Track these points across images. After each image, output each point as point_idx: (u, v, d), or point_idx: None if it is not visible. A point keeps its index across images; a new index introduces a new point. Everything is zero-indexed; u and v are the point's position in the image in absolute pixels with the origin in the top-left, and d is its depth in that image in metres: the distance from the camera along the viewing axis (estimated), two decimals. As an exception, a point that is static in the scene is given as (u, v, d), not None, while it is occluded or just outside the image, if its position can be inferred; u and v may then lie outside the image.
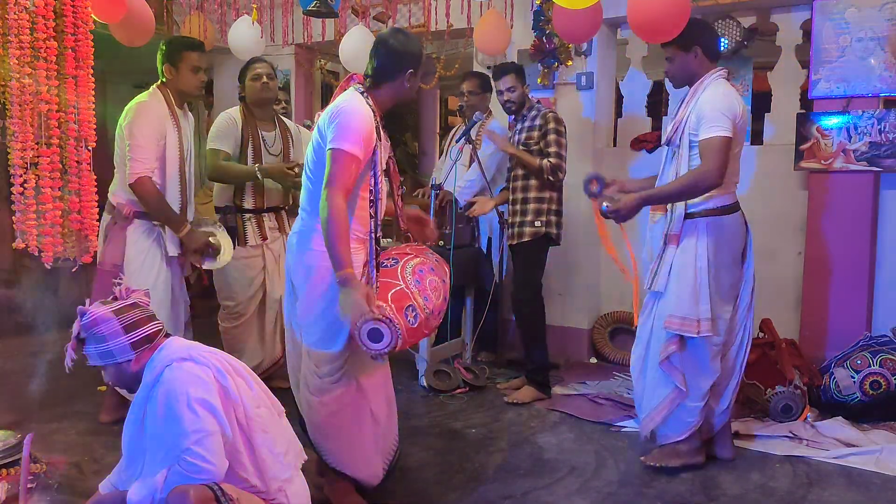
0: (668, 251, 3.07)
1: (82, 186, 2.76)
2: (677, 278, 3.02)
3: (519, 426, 3.66)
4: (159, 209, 3.29)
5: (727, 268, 3.03)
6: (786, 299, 4.31)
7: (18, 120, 2.49)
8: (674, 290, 3.03)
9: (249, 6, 4.94)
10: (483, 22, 4.54)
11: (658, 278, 3.08)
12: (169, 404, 1.91)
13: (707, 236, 2.99)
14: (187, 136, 3.42)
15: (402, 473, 3.02)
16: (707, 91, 2.99)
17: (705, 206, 3.00)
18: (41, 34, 2.49)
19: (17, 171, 2.53)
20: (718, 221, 3.00)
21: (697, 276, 2.98)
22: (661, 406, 3.12)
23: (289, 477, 2.11)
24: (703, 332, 2.98)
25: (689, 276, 2.99)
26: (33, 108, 2.49)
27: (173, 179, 3.34)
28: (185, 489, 1.83)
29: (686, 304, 2.99)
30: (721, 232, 3.00)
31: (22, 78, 2.44)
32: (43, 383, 3.62)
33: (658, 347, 3.10)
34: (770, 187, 4.36)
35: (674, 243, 3.05)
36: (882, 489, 2.96)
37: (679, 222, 3.02)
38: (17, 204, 2.50)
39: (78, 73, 2.62)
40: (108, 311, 2.04)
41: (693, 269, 2.99)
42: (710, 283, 2.98)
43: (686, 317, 2.99)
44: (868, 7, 3.91)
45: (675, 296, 3.02)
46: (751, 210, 4.39)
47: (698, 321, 2.97)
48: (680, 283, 3.01)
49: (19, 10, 2.42)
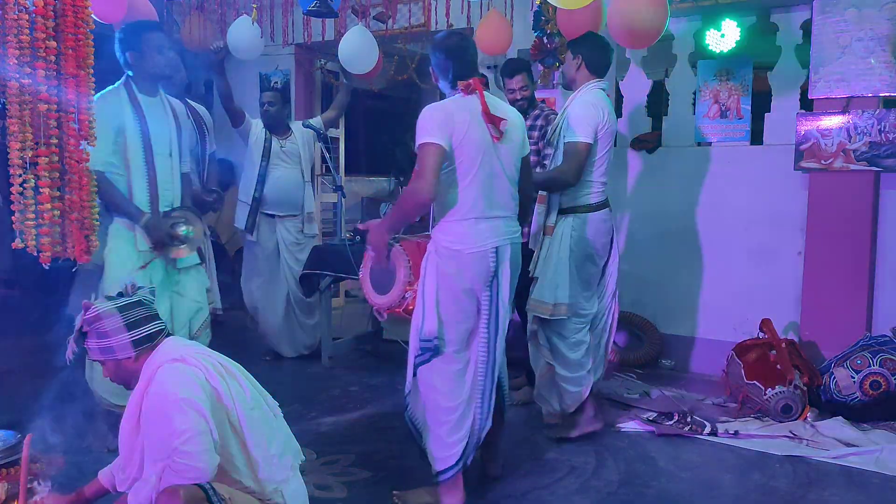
0: (544, 241, 3.42)
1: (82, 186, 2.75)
2: (544, 265, 3.38)
3: (519, 426, 3.66)
4: (114, 202, 3.19)
5: (590, 258, 3.39)
6: (786, 299, 4.31)
7: (18, 120, 2.48)
8: (539, 276, 3.38)
9: (249, 6, 4.94)
10: (485, 22, 4.54)
11: (536, 265, 3.42)
12: (159, 405, 1.92)
13: (573, 230, 3.34)
14: (163, 125, 3.31)
15: (402, 473, 3.02)
16: (577, 99, 3.36)
17: (575, 203, 3.36)
18: (41, 34, 2.49)
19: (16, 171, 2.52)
20: (584, 217, 3.35)
21: (558, 264, 3.32)
22: (540, 376, 3.48)
23: (285, 478, 2.11)
24: (558, 315, 3.32)
25: (552, 263, 3.34)
26: (33, 108, 2.48)
27: (139, 171, 3.22)
28: (176, 489, 1.84)
29: (546, 288, 3.33)
30: (586, 227, 3.34)
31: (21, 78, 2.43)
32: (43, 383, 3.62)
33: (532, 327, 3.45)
34: (770, 187, 4.36)
35: (549, 234, 3.39)
36: (882, 489, 2.96)
37: (554, 217, 3.38)
38: (15, 204, 2.49)
39: (78, 73, 2.61)
40: (112, 307, 2.05)
41: (555, 259, 3.33)
42: (570, 271, 3.32)
43: (541, 300, 3.34)
44: (868, 7, 3.90)
45: (539, 280, 3.37)
46: (751, 210, 4.46)
47: (553, 305, 3.31)
48: (544, 270, 3.36)
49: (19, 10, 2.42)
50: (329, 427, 3.61)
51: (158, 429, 1.92)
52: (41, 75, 2.49)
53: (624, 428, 3.62)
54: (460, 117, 2.64)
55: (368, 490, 2.88)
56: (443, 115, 2.64)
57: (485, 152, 2.68)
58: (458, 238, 2.68)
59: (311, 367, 4.70)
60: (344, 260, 4.25)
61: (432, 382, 2.75)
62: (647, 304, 4.76)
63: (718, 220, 4.54)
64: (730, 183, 4.50)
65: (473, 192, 2.68)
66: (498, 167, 2.73)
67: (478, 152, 2.66)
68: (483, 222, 2.69)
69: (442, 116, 2.63)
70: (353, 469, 3.07)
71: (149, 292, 2.18)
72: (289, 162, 4.74)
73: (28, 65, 2.44)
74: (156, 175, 3.29)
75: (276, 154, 4.70)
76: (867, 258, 4.04)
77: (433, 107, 2.69)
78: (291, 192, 4.74)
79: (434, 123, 2.61)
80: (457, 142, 2.62)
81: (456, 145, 2.62)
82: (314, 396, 4.06)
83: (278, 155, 4.71)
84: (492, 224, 2.71)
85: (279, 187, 4.69)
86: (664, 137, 4.76)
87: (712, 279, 4.58)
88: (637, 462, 3.21)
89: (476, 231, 2.68)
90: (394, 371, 4.59)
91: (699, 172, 4.59)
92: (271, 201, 4.71)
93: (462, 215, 2.68)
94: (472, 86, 2.71)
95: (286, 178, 4.72)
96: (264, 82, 6.21)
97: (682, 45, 4.70)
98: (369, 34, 4.62)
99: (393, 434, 3.50)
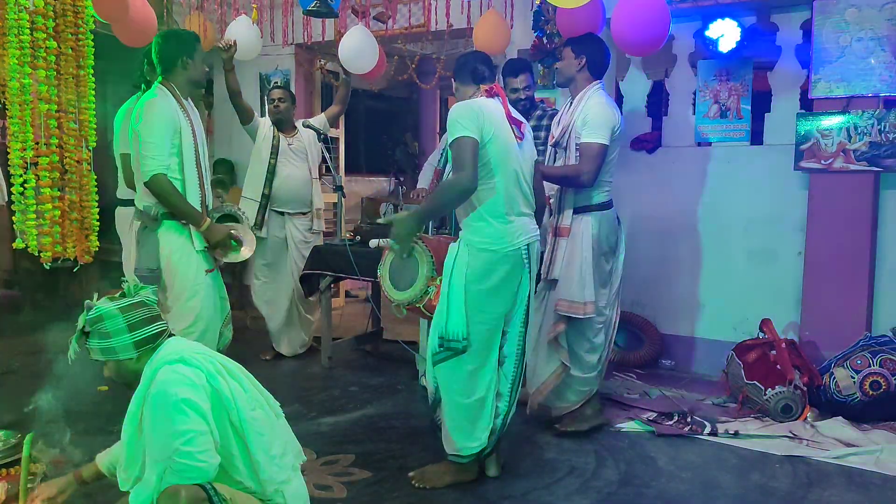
0: (559, 243, 3.43)
1: (82, 186, 2.76)
2: (567, 267, 3.38)
3: (519, 426, 3.66)
4: (177, 205, 3.21)
5: (604, 256, 3.45)
6: (786, 299, 4.31)
7: (18, 120, 2.49)
8: (563, 278, 3.39)
9: (249, 6, 4.95)
10: (483, 22, 4.54)
11: (553, 267, 3.43)
12: (159, 406, 1.92)
13: (591, 229, 3.37)
14: (199, 128, 3.38)
15: (402, 473, 3.02)
16: (592, 100, 3.37)
17: (589, 203, 3.40)
18: (41, 34, 2.49)
19: (17, 171, 2.53)
20: (599, 217, 3.39)
21: (583, 263, 3.34)
22: (549, 381, 3.47)
23: (286, 478, 2.11)
24: (588, 314, 3.35)
25: (577, 264, 3.36)
26: (33, 108, 2.49)
27: (192, 173, 3.28)
28: (177, 489, 1.84)
29: (574, 289, 3.35)
30: (601, 226, 3.39)
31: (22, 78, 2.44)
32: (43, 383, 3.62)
33: (548, 329, 3.45)
34: (770, 187, 4.36)
35: (564, 235, 3.41)
36: (882, 489, 2.96)
37: (569, 218, 3.40)
38: (16, 204, 2.50)
39: (78, 73, 2.62)
40: (115, 307, 2.04)
41: (580, 257, 3.35)
42: (593, 270, 3.35)
43: (573, 300, 3.35)
44: (868, 7, 3.91)
45: (564, 282, 3.38)
46: (751, 210, 4.46)
47: (584, 304, 3.34)
48: (569, 271, 3.37)
49: (19, 9, 2.43)
50: (329, 427, 3.61)
51: (159, 430, 1.91)
52: (41, 75, 2.49)
53: (624, 428, 3.62)
54: (489, 115, 2.76)
55: (368, 490, 2.88)
56: (474, 111, 2.75)
57: (511, 151, 2.80)
58: (491, 237, 2.77)
59: (310, 367, 4.69)
60: (344, 260, 4.25)
61: (446, 379, 2.85)
62: (647, 304, 4.76)
63: (718, 220, 4.54)
64: (730, 183, 4.50)
65: (504, 190, 2.78)
66: (522, 167, 2.84)
67: (506, 151, 2.78)
68: (515, 220, 2.81)
69: (473, 113, 2.74)
70: (353, 469, 3.07)
71: (151, 293, 2.18)
72: (297, 159, 4.77)
73: (28, 65, 2.44)
74: (204, 176, 3.37)
75: (284, 152, 4.72)
76: (867, 258, 4.04)
77: (464, 104, 2.81)
78: (301, 189, 4.78)
79: (467, 118, 2.72)
80: (487, 137, 2.73)
81: (487, 141, 2.73)
82: (314, 396, 4.06)
83: (286, 152, 4.73)
84: (522, 222, 2.84)
85: (289, 185, 4.73)
86: (664, 137, 4.77)
87: (712, 279, 4.58)
88: (637, 462, 3.21)
89: (510, 229, 2.79)
90: (394, 371, 4.59)
91: (699, 172, 4.59)
92: (281, 198, 4.73)
93: (494, 213, 2.78)
94: (494, 89, 2.87)
95: (295, 176, 4.75)
96: (264, 82, 6.21)
97: (682, 45, 4.71)
98: (370, 34, 4.62)
99: (393, 434, 3.50)
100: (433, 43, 5.18)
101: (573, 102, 3.45)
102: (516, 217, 2.82)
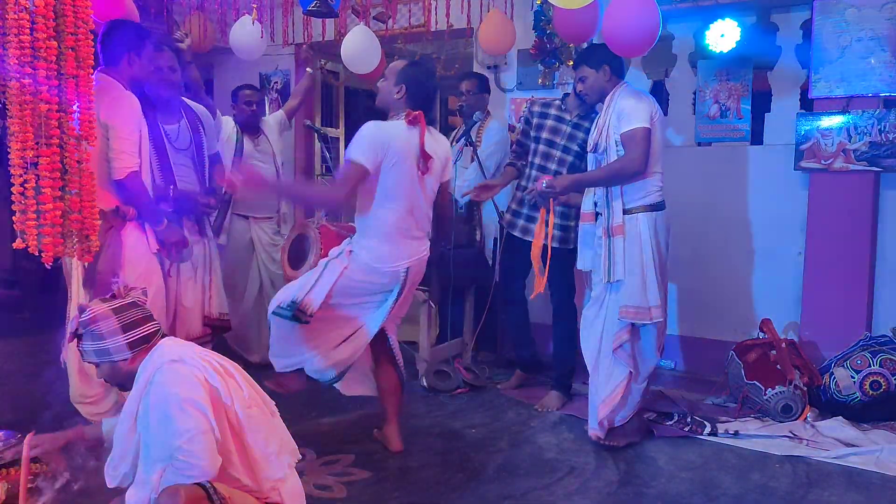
0: (615, 243, 3.26)
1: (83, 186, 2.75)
2: (629, 271, 3.23)
3: (519, 426, 3.66)
4: (146, 205, 3.09)
5: (663, 257, 3.33)
6: (786, 299, 4.31)
7: (18, 120, 2.48)
8: (626, 282, 3.24)
9: (249, 6, 4.94)
10: (487, 21, 4.54)
11: (615, 267, 3.26)
12: (160, 406, 1.92)
13: (648, 230, 3.24)
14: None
15: (402, 473, 3.02)
16: (621, 95, 3.33)
17: (643, 202, 3.26)
18: (41, 34, 2.49)
19: (17, 171, 2.52)
20: (653, 217, 3.27)
21: (645, 267, 3.22)
22: (615, 393, 3.31)
23: (282, 476, 2.11)
24: (655, 319, 3.23)
25: (638, 267, 3.22)
26: (34, 108, 2.48)
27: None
28: (177, 488, 1.84)
29: (637, 294, 3.22)
30: (657, 226, 3.27)
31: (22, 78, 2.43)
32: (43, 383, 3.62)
33: (611, 337, 3.30)
34: (770, 187, 4.36)
35: (620, 234, 3.25)
36: (882, 489, 2.97)
37: (619, 217, 3.26)
38: (16, 204, 2.49)
39: (78, 73, 2.61)
40: (107, 309, 2.05)
41: (640, 261, 3.22)
42: (655, 272, 3.22)
43: (639, 306, 3.22)
44: (868, 7, 3.91)
45: (627, 287, 3.23)
46: (751, 210, 4.46)
47: (650, 308, 3.22)
48: (631, 274, 3.23)
49: (19, 9, 2.42)
50: (329, 427, 3.61)
51: (160, 429, 1.92)
52: (41, 75, 2.48)
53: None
54: (397, 145, 2.87)
55: (368, 490, 2.88)
56: (380, 138, 2.86)
57: (410, 183, 2.93)
58: (376, 256, 2.96)
59: (311, 367, 4.69)
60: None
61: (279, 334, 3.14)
62: (647, 304, 4.75)
63: (718, 220, 4.53)
64: (730, 183, 4.50)
65: (395, 215, 2.93)
66: (419, 196, 3.00)
67: (402, 181, 2.91)
68: (401, 243, 2.97)
69: (379, 139, 2.85)
70: (353, 469, 3.07)
71: (142, 293, 2.18)
72: (264, 161, 4.51)
73: (28, 65, 2.44)
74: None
75: (249, 154, 4.47)
76: (867, 258, 4.04)
77: (374, 126, 2.89)
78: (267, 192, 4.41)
79: (368, 144, 2.84)
80: (387, 166, 2.86)
81: (385, 169, 2.86)
82: (314, 396, 4.06)
83: (252, 154, 4.48)
84: (407, 245, 3.00)
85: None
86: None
87: (712, 279, 4.57)
88: (637, 462, 3.21)
89: (393, 251, 2.95)
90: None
91: (699, 172, 4.59)
92: (245, 203, 4.43)
93: (383, 234, 2.94)
94: (417, 119, 2.90)
95: None
96: (264, 82, 6.21)
97: (682, 45, 4.70)
98: (371, 34, 4.61)
99: (393, 434, 3.50)
100: (433, 43, 5.17)
101: (604, 105, 3.42)
102: (404, 240, 2.99)
